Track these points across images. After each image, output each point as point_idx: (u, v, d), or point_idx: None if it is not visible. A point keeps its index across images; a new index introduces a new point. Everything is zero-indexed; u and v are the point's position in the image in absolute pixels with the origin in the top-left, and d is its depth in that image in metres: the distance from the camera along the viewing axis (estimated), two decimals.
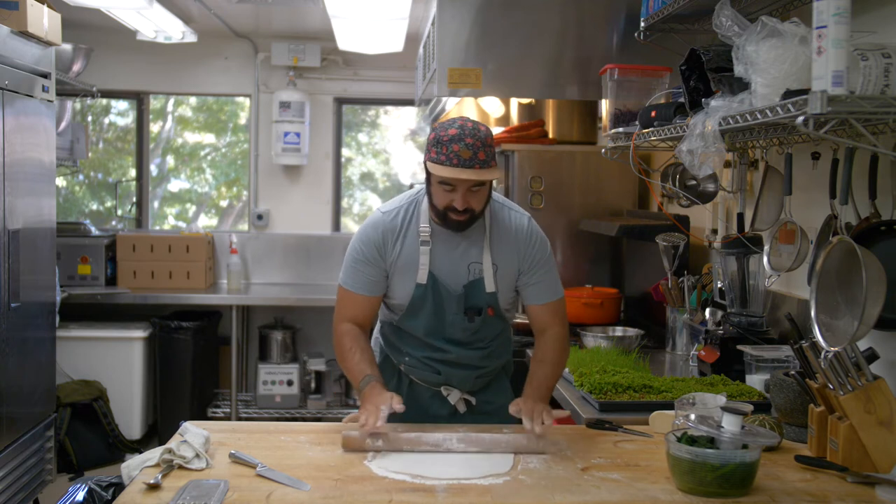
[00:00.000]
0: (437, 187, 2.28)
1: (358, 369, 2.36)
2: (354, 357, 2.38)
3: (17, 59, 3.65)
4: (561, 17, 3.95)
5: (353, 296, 2.43)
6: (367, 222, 2.45)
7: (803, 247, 2.47)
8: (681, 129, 2.47)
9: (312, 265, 6.12)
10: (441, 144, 2.22)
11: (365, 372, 2.34)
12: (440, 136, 2.23)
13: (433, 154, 2.24)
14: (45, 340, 4.09)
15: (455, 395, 2.50)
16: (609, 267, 4.25)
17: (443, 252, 2.39)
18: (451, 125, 2.25)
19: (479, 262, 2.39)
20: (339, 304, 2.46)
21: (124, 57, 5.94)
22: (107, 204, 6.50)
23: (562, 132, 4.48)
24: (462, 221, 2.30)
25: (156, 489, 1.82)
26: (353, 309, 2.44)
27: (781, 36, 1.95)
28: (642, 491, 1.85)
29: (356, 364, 2.37)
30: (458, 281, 2.39)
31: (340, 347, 2.42)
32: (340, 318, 2.45)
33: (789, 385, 2.23)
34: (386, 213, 2.43)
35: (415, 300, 2.40)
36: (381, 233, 2.39)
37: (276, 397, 5.65)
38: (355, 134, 6.71)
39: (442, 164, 2.21)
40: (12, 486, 3.64)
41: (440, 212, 2.31)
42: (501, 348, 2.56)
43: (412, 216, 2.41)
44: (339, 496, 1.81)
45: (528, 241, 2.42)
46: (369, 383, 2.30)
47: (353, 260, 2.42)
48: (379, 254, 2.39)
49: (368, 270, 2.40)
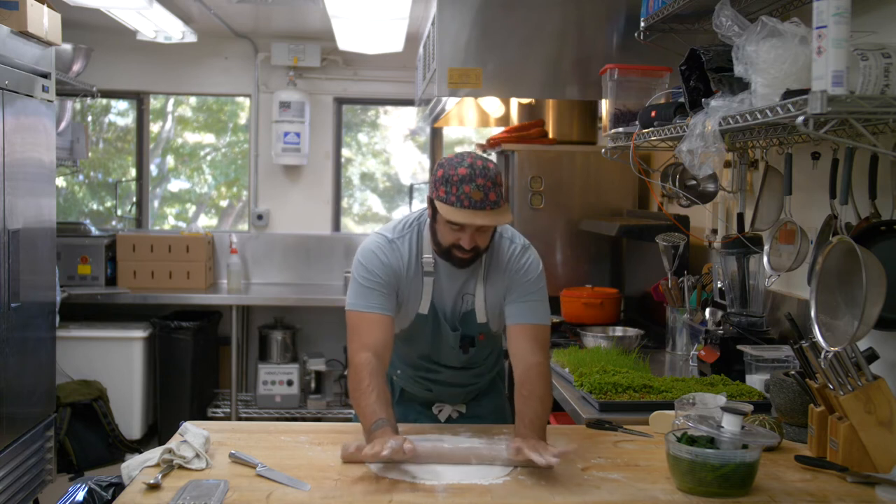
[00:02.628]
0: (445, 226, 2.19)
1: (371, 411, 2.11)
2: (370, 397, 2.13)
3: (17, 59, 3.65)
4: (561, 17, 3.95)
5: (368, 317, 2.24)
6: (373, 246, 2.31)
7: (803, 247, 2.46)
8: (681, 129, 2.47)
9: (312, 265, 6.12)
10: (451, 184, 2.12)
11: (378, 415, 2.10)
12: (449, 175, 2.13)
13: (442, 193, 2.14)
14: (45, 340, 4.09)
15: (446, 412, 2.51)
16: (609, 267, 4.25)
17: (443, 283, 2.35)
18: (460, 163, 2.14)
19: (472, 293, 2.35)
20: (352, 333, 2.26)
21: (124, 57, 5.94)
22: (107, 204, 6.50)
23: (562, 132, 4.48)
24: (466, 259, 2.23)
25: (156, 489, 1.81)
26: (369, 333, 2.23)
27: (781, 36, 1.95)
28: (642, 491, 1.85)
29: (371, 405, 2.12)
30: (453, 313, 2.36)
31: (356, 382, 2.17)
32: (358, 346, 2.22)
33: (789, 385, 2.23)
34: (392, 240, 2.32)
35: (414, 328, 2.37)
36: (389, 256, 2.29)
37: (276, 397, 5.65)
38: (355, 134, 6.71)
39: (452, 206, 2.12)
40: (12, 486, 3.64)
41: (444, 248, 2.23)
42: (492, 361, 2.56)
43: (417, 246, 2.33)
44: (339, 496, 1.81)
45: (516, 266, 2.31)
46: (381, 428, 2.06)
47: (362, 279, 2.27)
48: (394, 275, 2.28)
49: (380, 289, 2.26)
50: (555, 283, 4.15)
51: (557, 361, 3.00)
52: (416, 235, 2.33)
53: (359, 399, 2.15)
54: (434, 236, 2.26)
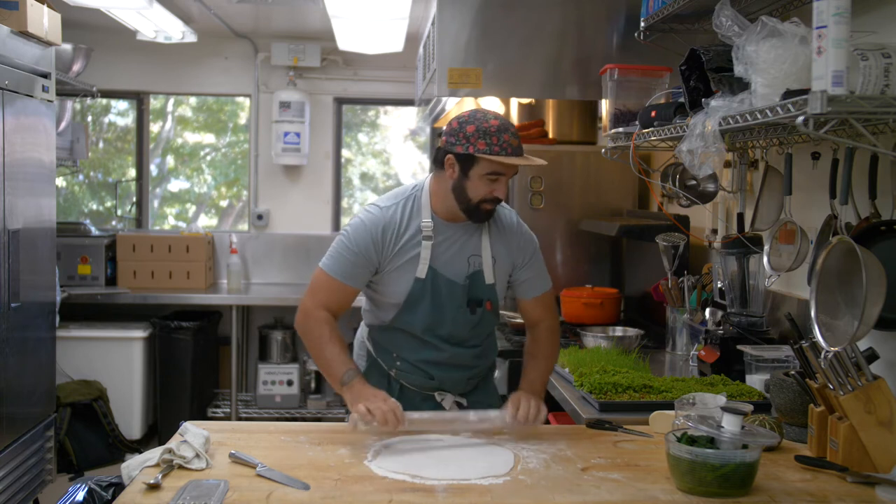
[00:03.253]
0: (481, 180, 2.28)
1: (340, 360, 2.32)
2: (335, 347, 2.33)
3: (17, 59, 3.65)
4: (561, 17, 3.96)
5: (338, 283, 2.38)
6: (363, 216, 2.40)
7: (803, 247, 2.46)
8: (681, 129, 2.48)
9: (312, 265, 5.98)
10: (489, 135, 2.23)
11: (347, 364, 2.31)
12: (484, 127, 2.24)
13: (482, 146, 2.23)
14: (45, 340, 4.09)
15: (449, 400, 2.51)
16: (609, 267, 4.25)
17: (443, 246, 2.39)
18: (485, 117, 2.27)
19: (478, 254, 2.41)
20: (316, 289, 2.41)
21: (124, 57, 5.94)
22: (107, 204, 6.50)
23: (562, 132, 4.48)
24: (492, 210, 2.35)
25: (156, 489, 1.82)
26: (332, 297, 2.39)
27: (781, 36, 1.95)
28: (642, 491, 1.85)
29: (337, 355, 2.32)
30: (459, 274, 2.40)
31: (316, 334, 2.36)
32: (317, 303, 2.39)
33: (789, 385, 2.23)
34: (384, 207, 2.40)
35: (413, 295, 2.39)
36: (380, 228, 2.36)
37: (276, 397, 5.65)
38: (355, 134, 6.71)
39: (497, 155, 2.23)
40: (12, 486, 3.64)
41: (473, 204, 2.31)
42: (490, 348, 2.59)
43: (411, 211, 2.39)
44: (339, 496, 1.81)
45: (520, 235, 2.49)
46: (355, 377, 2.29)
47: (344, 248, 2.38)
48: (374, 249, 2.36)
49: (359, 262, 2.37)
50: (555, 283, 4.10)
51: (557, 361, 3.00)
52: (411, 203, 2.40)
53: (322, 348, 2.34)
54: (461, 193, 2.31)
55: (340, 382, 2.29)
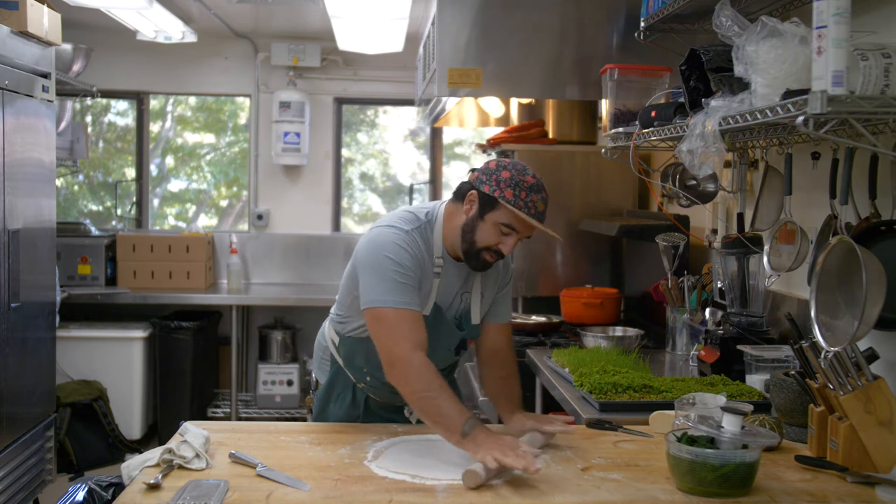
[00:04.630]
0: (494, 227, 2.19)
1: (457, 410, 2.05)
2: (449, 398, 2.06)
3: (17, 59, 3.65)
4: (561, 17, 3.95)
5: (411, 315, 2.14)
6: (398, 240, 2.21)
7: (803, 247, 2.46)
8: (681, 129, 2.47)
9: (312, 265, 6.12)
10: (520, 189, 2.16)
11: (465, 414, 2.04)
12: (519, 180, 2.16)
13: (509, 196, 2.15)
14: (45, 340, 4.09)
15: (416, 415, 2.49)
16: (609, 267, 4.25)
17: (446, 284, 2.34)
18: (526, 171, 2.19)
19: (469, 291, 2.38)
20: (398, 331, 2.13)
21: (124, 57, 5.94)
22: (107, 204, 6.50)
23: (562, 132, 4.48)
24: (491, 263, 2.27)
25: (156, 489, 1.81)
26: (416, 330, 2.14)
27: (781, 36, 1.95)
28: (642, 491, 1.85)
29: (452, 405, 2.06)
30: (452, 312, 2.37)
31: (425, 382, 2.07)
32: (410, 345, 2.11)
33: (789, 385, 2.23)
34: (408, 231, 2.24)
35: None
36: (415, 251, 2.22)
37: (276, 397, 5.65)
38: (354, 134, 6.71)
39: (520, 210, 2.15)
40: (12, 486, 3.64)
41: (476, 248, 2.22)
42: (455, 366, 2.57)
43: (427, 243, 2.29)
44: (339, 496, 1.81)
45: (509, 269, 2.47)
46: (476, 426, 2.01)
47: (397, 276, 2.16)
48: (421, 269, 2.22)
49: (414, 285, 2.19)
50: (555, 283, 4.17)
51: (557, 361, 3.00)
52: (425, 233, 2.29)
53: (435, 399, 2.06)
54: (469, 234, 2.22)
55: (461, 434, 2.00)
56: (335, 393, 2.50)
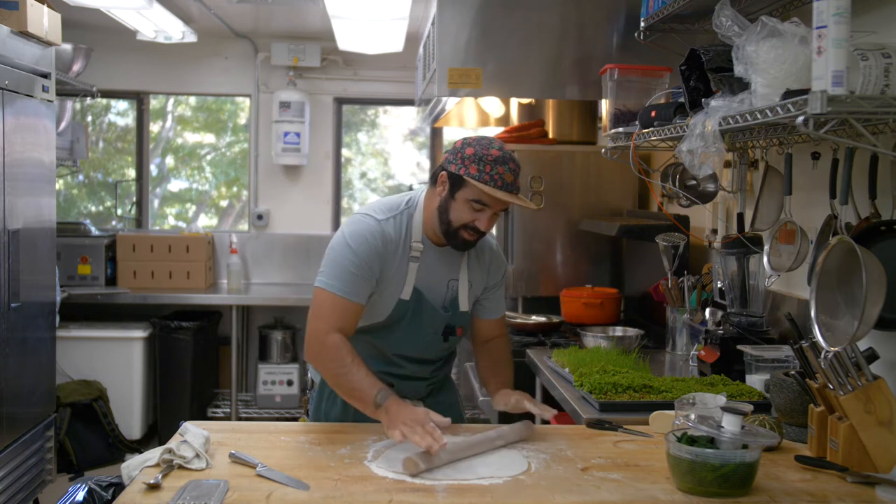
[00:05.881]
0: (465, 204, 2.23)
1: (367, 382, 2.17)
2: (360, 371, 2.19)
3: (17, 59, 3.65)
4: (561, 17, 3.96)
5: (348, 304, 2.25)
6: (361, 227, 2.29)
7: (803, 247, 2.46)
8: (681, 129, 2.48)
9: (312, 265, 6.08)
10: (484, 163, 2.19)
11: (377, 385, 2.16)
12: (482, 154, 2.19)
13: (474, 171, 2.19)
14: (45, 340, 4.09)
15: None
16: (609, 267, 4.25)
17: (427, 268, 2.35)
18: (490, 145, 2.22)
19: (456, 278, 2.40)
20: (326, 312, 2.25)
21: (124, 57, 5.94)
22: (106, 204, 6.50)
23: (562, 132, 4.48)
24: (472, 241, 2.29)
25: (156, 489, 1.81)
26: (345, 318, 2.26)
27: (781, 36, 1.95)
28: (642, 491, 1.85)
29: (363, 378, 2.18)
30: (438, 297, 2.38)
31: (337, 360, 2.21)
32: (330, 327, 2.23)
33: (789, 385, 2.23)
34: (381, 221, 2.31)
35: (393, 317, 2.35)
36: (381, 242, 2.28)
37: (276, 397, 5.65)
38: (354, 134, 6.71)
39: (486, 184, 2.18)
40: (12, 486, 3.64)
41: (453, 228, 2.26)
42: (450, 361, 2.60)
43: (406, 229, 2.33)
44: (339, 496, 1.81)
45: (495, 258, 2.49)
46: (389, 397, 2.14)
47: (350, 264, 2.25)
48: (379, 262, 2.28)
49: (364, 276, 2.26)
50: (555, 283, 4.16)
51: (557, 362, 3.00)
52: (404, 219, 2.34)
53: (346, 375, 2.20)
54: (444, 214, 2.27)
55: (374, 405, 2.14)
56: (330, 392, 2.51)
